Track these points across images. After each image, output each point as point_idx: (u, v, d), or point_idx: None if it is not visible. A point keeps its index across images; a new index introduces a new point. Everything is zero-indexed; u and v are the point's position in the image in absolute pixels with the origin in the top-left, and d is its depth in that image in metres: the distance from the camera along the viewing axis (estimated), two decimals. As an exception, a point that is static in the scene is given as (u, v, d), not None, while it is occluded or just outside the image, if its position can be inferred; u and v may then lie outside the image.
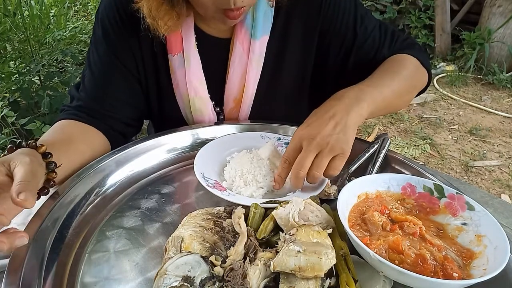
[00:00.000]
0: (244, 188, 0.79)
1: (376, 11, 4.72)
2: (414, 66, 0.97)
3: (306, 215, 0.66)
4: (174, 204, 0.79)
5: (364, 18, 1.00)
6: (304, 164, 0.74)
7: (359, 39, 0.99)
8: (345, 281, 0.57)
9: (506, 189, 2.59)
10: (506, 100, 3.75)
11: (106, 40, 0.96)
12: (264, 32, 0.97)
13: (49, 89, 2.69)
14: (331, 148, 0.74)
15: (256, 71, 0.99)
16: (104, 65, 0.96)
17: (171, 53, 0.97)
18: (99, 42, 0.97)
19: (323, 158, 0.74)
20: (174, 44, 0.96)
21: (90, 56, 0.99)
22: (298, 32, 0.99)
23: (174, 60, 0.97)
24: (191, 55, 0.97)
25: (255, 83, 1.01)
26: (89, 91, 0.96)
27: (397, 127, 3.32)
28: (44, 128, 2.33)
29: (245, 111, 1.04)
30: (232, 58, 0.98)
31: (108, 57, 0.96)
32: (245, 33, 0.96)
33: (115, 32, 0.96)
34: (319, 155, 0.74)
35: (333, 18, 0.98)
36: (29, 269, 0.60)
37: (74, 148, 0.84)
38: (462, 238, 0.67)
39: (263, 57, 0.99)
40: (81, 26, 4.38)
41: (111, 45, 0.96)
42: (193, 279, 0.54)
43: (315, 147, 0.74)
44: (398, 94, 0.90)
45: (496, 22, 4.07)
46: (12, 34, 3.55)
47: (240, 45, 0.97)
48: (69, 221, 0.73)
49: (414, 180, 0.76)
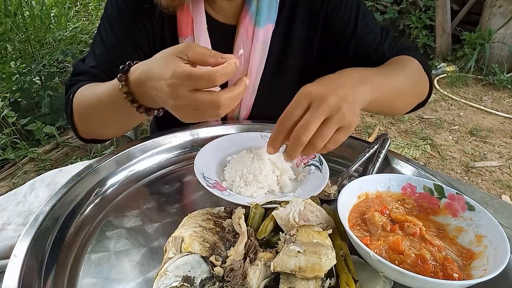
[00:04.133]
0: (244, 188, 0.79)
1: (377, 12, 4.72)
2: (417, 69, 0.97)
3: (306, 216, 0.66)
4: (174, 204, 0.79)
5: (366, 14, 1.00)
6: (309, 128, 0.63)
7: (359, 31, 0.99)
8: (345, 281, 0.57)
9: (506, 190, 2.59)
10: (507, 101, 3.75)
11: (120, 18, 0.97)
12: (269, 20, 0.97)
13: (49, 89, 2.70)
14: (341, 116, 0.64)
15: (259, 59, 1.00)
16: (118, 40, 0.97)
17: (182, 36, 0.98)
18: (112, 19, 0.97)
19: (330, 126, 0.64)
20: (185, 26, 0.97)
21: (101, 32, 0.98)
22: (304, 20, 1.00)
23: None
24: (201, 38, 0.97)
25: (259, 72, 1.01)
26: (101, 63, 0.96)
27: (397, 127, 3.32)
28: (45, 128, 2.34)
29: (247, 100, 1.04)
30: (236, 44, 0.99)
31: (122, 34, 0.97)
32: (250, 20, 0.97)
33: (129, 11, 0.96)
34: (326, 121, 0.64)
35: (337, 6, 0.98)
36: (29, 269, 0.60)
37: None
38: (462, 239, 0.67)
39: (267, 46, 0.99)
40: (82, 27, 4.39)
41: (124, 22, 0.97)
42: (193, 279, 0.54)
43: (325, 109, 0.63)
44: (401, 90, 0.88)
45: (496, 23, 4.07)
46: (13, 34, 3.55)
47: (245, 32, 0.98)
48: (69, 221, 0.73)
49: (414, 181, 0.76)
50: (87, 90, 0.89)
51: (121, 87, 0.71)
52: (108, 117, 0.87)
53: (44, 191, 0.95)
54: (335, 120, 0.64)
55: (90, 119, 0.91)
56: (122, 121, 0.89)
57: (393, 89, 0.84)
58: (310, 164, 0.87)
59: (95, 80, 0.93)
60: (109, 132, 0.99)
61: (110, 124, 0.91)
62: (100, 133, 0.96)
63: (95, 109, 0.86)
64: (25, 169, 2.16)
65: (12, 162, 2.23)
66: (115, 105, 0.78)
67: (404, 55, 0.98)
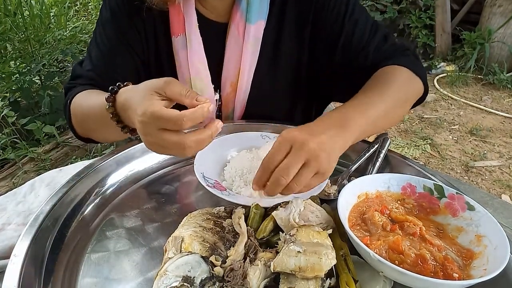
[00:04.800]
0: (244, 188, 0.79)
1: (377, 11, 4.72)
2: (404, 79, 0.92)
3: (306, 216, 0.66)
4: (174, 204, 0.79)
5: (356, 11, 0.98)
6: (289, 172, 0.64)
7: (346, 31, 0.97)
8: (345, 281, 0.57)
9: (506, 190, 2.59)
10: (507, 100, 3.75)
11: (113, 20, 0.99)
12: (260, 17, 0.98)
13: (49, 89, 2.70)
14: (318, 164, 0.66)
15: (252, 55, 1.00)
16: (112, 44, 0.99)
17: (174, 35, 0.99)
18: (106, 22, 1.00)
19: (307, 172, 0.66)
20: (177, 25, 0.98)
21: (97, 36, 1.01)
22: (294, 16, 1.00)
23: (177, 42, 0.99)
24: (193, 36, 0.98)
25: (251, 68, 1.01)
26: (97, 67, 0.98)
27: (397, 127, 3.32)
28: (45, 128, 2.33)
29: (241, 97, 1.04)
30: (228, 41, 1.00)
31: (116, 37, 0.99)
32: (240, 17, 0.97)
33: (122, 12, 0.98)
34: (303, 166, 0.65)
35: (325, 5, 0.98)
36: (29, 269, 0.60)
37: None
38: (462, 238, 0.67)
39: (259, 43, 0.99)
40: (82, 26, 4.38)
41: (118, 25, 0.98)
42: (193, 279, 0.54)
43: (305, 154, 0.65)
44: (386, 113, 0.84)
45: (496, 22, 4.07)
46: (13, 34, 3.55)
47: (236, 29, 0.98)
48: (69, 221, 0.73)
49: (414, 180, 0.76)
50: (82, 98, 0.91)
51: (107, 107, 0.72)
52: (99, 128, 0.89)
53: (44, 191, 0.95)
54: (312, 167, 0.65)
55: (85, 126, 0.93)
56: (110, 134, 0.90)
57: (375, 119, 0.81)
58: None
59: (92, 82, 0.96)
60: (105, 138, 1.04)
61: (102, 134, 0.94)
62: (96, 138, 0.99)
63: (89, 118, 0.88)
64: (25, 169, 2.16)
65: (12, 162, 2.23)
66: (104, 121, 0.79)
67: (389, 66, 0.94)
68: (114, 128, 0.75)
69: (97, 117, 0.83)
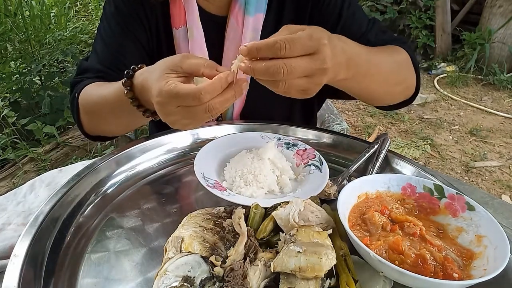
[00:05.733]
0: (244, 188, 0.79)
1: (377, 12, 4.72)
2: (405, 60, 0.93)
3: (306, 216, 0.66)
4: (174, 204, 0.79)
5: (353, 5, 0.99)
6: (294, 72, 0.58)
7: (344, 20, 0.98)
8: (345, 282, 0.57)
9: (506, 190, 2.59)
10: (507, 101, 3.75)
11: (118, 14, 1.00)
12: (258, 9, 0.98)
13: (49, 89, 2.70)
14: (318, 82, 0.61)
15: None
16: (117, 36, 0.99)
17: (175, 27, 0.99)
18: (110, 16, 1.00)
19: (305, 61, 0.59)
20: (178, 17, 0.98)
21: (101, 31, 1.01)
22: (293, 9, 1.01)
23: (178, 33, 1.00)
24: (194, 27, 0.98)
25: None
26: (104, 59, 0.98)
27: (397, 127, 3.32)
28: (45, 128, 2.34)
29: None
30: (227, 33, 1.00)
31: (121, 29, 0.99)
32: (239, 9, 0.98)
33: (126, 5, 0.99)
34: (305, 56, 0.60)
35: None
36: (29, 269, 0.60)
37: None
38: (462, 239, 0.67)
39: (258, 34, 1.00)
40: (82, 26, 4.39)
41: (123, 17, 0.99)
42: (193, 279, 0.54)
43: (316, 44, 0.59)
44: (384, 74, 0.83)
45: (496, 23, 4.08)
46: (13, 34, 3.55)
47: (235, 21, 0.99)
48: (69, 221, 0.73)
49: (414, 181, 0.76)
50: (92, 89, 0.91)
51: (126, 92, 0.71)
52: (114, 117, 0.89)
53: (44, 191, 0.95)
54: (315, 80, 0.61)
55: (95, 118, 0.93)
56: (127, 122, 0.90)
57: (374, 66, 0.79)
58: (310, 164, 0.87)
59: (99, 76, 0.96)
60: (114, 130, 1.01)
61: (115, 124, 0.94)
62: (105, 131, 0.99)
63: (101, 109, 0.88)
64: (25, 169, 2.16)
65: (12, 162, 2.23)
66: (121, 108, 0.78)
67: (394, 46, 0.95)
68: (133, 114, 0.74)
69: (112, 106, 0.82)
